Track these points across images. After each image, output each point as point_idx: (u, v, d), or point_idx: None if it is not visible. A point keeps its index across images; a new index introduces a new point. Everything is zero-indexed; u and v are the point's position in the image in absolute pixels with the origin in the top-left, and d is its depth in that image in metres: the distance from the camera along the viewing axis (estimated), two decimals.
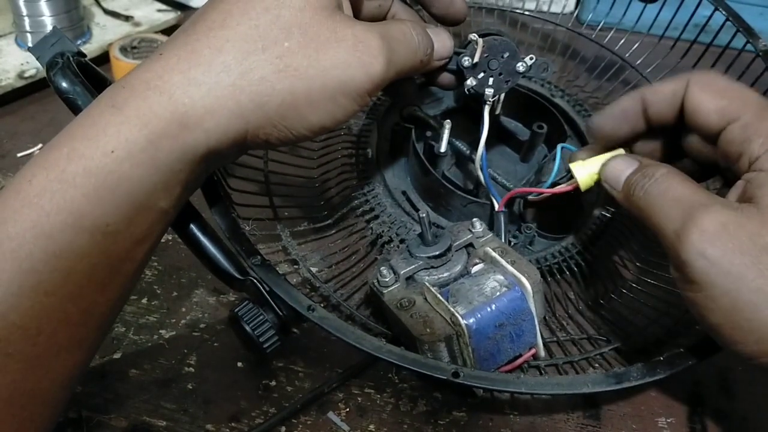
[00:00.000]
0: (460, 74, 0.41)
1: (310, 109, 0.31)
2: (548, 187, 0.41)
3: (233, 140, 0.31)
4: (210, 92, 0.29)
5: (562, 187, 0.40)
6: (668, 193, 0.33)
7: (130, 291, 0.32)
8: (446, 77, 0.42)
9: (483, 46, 0.40)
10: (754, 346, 0.30)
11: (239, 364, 0.40)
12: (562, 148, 0.42)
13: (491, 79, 0.41)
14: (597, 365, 0.40)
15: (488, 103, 0.42)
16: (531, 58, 0.41)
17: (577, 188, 0.38)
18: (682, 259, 0.31)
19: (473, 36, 0.41)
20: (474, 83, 0.41)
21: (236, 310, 0.34)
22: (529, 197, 0.43)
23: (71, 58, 0.33)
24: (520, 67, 0.41)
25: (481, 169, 0.43)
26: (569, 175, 0.39)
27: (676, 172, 0.34)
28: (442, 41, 0.39)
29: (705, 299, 0.31)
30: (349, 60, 0.31)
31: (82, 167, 0.27)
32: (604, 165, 0.37)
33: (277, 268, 0.36)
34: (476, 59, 0.40)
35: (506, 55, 0.41)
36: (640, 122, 0.38)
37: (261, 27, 0.30)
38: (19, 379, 0.27)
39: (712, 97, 0.34)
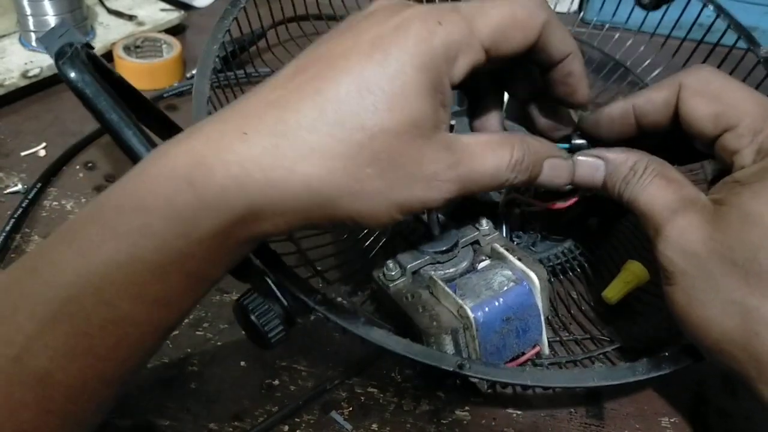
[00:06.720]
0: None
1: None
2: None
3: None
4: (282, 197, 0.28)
5: (559, 203, 0.40)
6: (656, 199, 0.33)
7: None
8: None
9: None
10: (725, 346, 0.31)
11: (242, 363, 0.40)
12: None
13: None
14: (600, 364, 0.40)
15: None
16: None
17: (575, 203, 0.39)
18: (663, 252, 0.32)
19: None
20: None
21: (242, 300, 0.34)
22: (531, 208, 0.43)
23: (80, 48, 0.33)
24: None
25: None
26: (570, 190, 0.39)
27: (662, 171, 0.33)
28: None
29: (679, 292, 0.32)
30: (419, 195, 0.30)
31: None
32: (576, 164, 0.35)
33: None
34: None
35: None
36: (631, 129, 0.36)
37: (345, 141, 0.28)
38: None
39: (705, 103, 0.33)
